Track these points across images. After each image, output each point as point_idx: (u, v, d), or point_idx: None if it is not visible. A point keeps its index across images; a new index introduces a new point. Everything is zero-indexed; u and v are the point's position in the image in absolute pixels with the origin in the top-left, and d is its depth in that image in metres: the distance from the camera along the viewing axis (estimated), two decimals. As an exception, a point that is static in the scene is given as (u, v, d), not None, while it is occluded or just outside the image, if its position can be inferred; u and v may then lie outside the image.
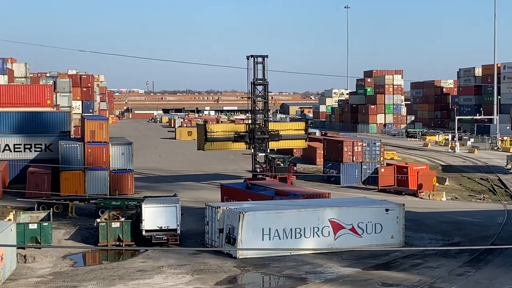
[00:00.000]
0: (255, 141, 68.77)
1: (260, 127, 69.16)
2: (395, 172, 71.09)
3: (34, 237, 40.92)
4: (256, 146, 68.97)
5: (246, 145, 69.53)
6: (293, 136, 71.67)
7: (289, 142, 72.34)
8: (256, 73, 67.83)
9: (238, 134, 69.13)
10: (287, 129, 72.18)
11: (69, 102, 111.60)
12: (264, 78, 68.31)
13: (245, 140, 69.04)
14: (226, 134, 68.97)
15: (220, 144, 68.94)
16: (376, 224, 41.44)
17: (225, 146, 69.63)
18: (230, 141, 69.07)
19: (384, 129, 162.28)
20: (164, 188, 66.75)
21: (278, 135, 70.21)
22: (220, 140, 68.64)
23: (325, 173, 77.08)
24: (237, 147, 70.08)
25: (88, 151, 61.65)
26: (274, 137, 69.94)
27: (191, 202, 54.72)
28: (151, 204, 42.71)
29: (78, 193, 59.38)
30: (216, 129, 69.71)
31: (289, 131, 71.55)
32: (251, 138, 68.90)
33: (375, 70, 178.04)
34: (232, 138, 68.97)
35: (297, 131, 72.16)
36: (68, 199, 54.70)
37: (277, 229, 39.08)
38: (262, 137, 68.96)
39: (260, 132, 69.00)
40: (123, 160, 62.86)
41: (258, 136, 68.82)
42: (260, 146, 69.09)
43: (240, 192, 51.89)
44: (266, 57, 67.77)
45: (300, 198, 47.00)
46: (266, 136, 69.09)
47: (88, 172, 61.20)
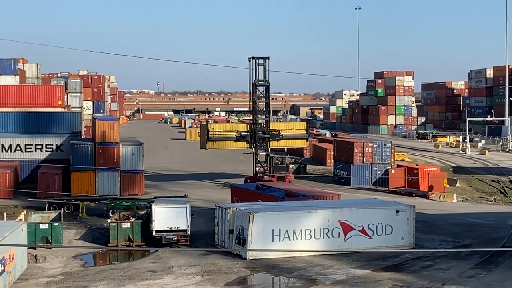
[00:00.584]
0: (256, 141, 70.29)
1: (261, 127, 70.66)
2: (406, 174, 70.92)
3: (45, 237, 41.06)
4: (257, 145, 70.46)
5: (248, 145, 71.02)
6: (294, 136, 73.22)
7: (290, 141, 74.02)
8: (257, 75, 69.33)
9: (239, 133, 70.76)
10: (288, 129, 73.71)
11: (80, 103, 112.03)
12: (265, 79, 69.74)
13: (246, 139, 70.64)
14: (227, 134, 70.82)
15: (221, 143, 70.63)
16: (387, 226, 41.34)
17: (226, 145, 71.23)
18: (232, 141, 70.69)
19: (395, 130, 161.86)
20: (174, 188, 66.88)
21: (279, 135, 71.62)
22: (221, 139, 70.35)
23: (335, 174, 77.04)
24: (238, 146, 71.70)
25: (99, 151, 61.82)
26: (275, 136, 71.39)
27: (201, 202, 54.77)
28: (161, 205, 42.78)
29: (88, 194, 59.57)
30: (218, 128, 71.58)
31: (290, 131, 73.05)
32: (252, 138, 70.42)
33: (385, 71, 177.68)
34: (233, 137, 70.64)
35: (298, 131, 73.65)
36: (78, 199, 54.89)
37: (287, 230, 39.05)
38: (263, 137, 70.49)
39: (261, 132, 70.52)
40: (134, 160, 63.01)
41: (259, 136, 70.33)
42: (261, 145, 70.59)
43: (250, 193, 51.90)
44: (267, 59, 69.33)
45: (310, 199, 46.96)
46: (267, 135, 70.56)
47: (99, 172, 61.35)
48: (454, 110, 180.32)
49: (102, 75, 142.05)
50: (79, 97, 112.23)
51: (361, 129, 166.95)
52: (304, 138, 74.19)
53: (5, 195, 58.44)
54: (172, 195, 55.93)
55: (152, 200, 48.26)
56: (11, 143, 65.85)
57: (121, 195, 59.98)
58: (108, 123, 63.48)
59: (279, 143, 72.89)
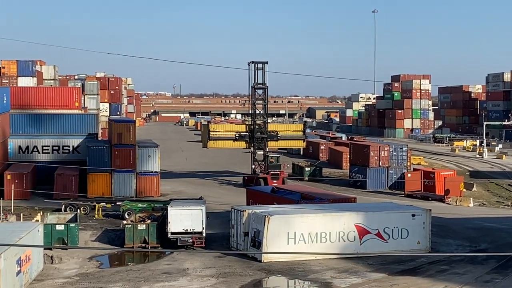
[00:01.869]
0: (254, 141, 74.53)
1: (259, 127, 74.77)
2: (422, 177, 70.66)
3: (61, 238, 41.26)
4: (255, 145, 74.50)
5: (246, 144, 75.36)
6: (291, 136, 77.25)
7: (287, 142, 78.43)
8: (256, 78, 73.67)
9: (239, 134, 75.20)
10: (286, 130, 77.85)
11: (97, 105, 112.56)
12: (263, 82, 74.14)
13: (245, 139, 75.05)
14: (228, 134, 75.44)
15: (222, 143, 75.34)
16: (402, 230, 41.18)
17: (226, 145, 75.85)
18: (231, 140, 75.29)
19: (411, 134, 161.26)
20: (190, 191, 67.02)
21: (277, 136, 75.85)
22: (222, 139, 75.02)
23: (351, 178, 76.94)
24: (238, 145, 76.21)
25: (115, 153, 62.07)
26: (273, 137, 75.64)
27: (216, 205, 54.84)
28: (177, 207, 42.86)
29: (105, 195, 59.84)
30: (219, 129, 76.39)
31: (288, 132, 77.20)
32: (251, 138, 74.68)
33: (402, 75, 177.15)
34: (233, 137, 75.21)
35: (295, 132, 77.53)
36: (95, 201, 55.12)
37: (302, 233, 39.00)
38: (261, 137, 74.57)
39: (260, 132, 74.70)
40: (150, 162, 63.21)
41: (258, 136, 74.47)
42: (259, 145, 74.53)
43: (266, 196, 51.89)
44: (266, 63, 73.62)
45: (326, 203, 46.89)
46: (264, 136, 74.67)
47: (115, 174, 61.60)
48: (471, 114, 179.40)
49: (119, 77, 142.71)
50: (96, 99, 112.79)
51: (378, 133, 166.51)
52: (301, 139, 77.84)
53: (22, 196, 58.83)
54: (188, 197, 56.03)
55: (168, 202, 48.37)
56: (28, 144, 66.29)
57: (137, 197, 60.18)
58: (125, 125, 63.73)
59: (277, 143, 77.29)
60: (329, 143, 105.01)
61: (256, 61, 73.33)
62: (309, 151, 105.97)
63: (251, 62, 73.35)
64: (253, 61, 73.41)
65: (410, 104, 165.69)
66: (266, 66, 73.58)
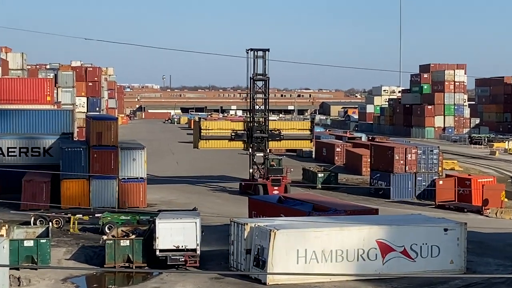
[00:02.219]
0: (253, 141, 74.80)
1: (259, 125, 75.07)
2: (456, 185, 70.55)
3: (30, 256, 41.28)
4: (254, 145, 74.82)
5: (244, 145, 75.78)
6: (297, 136, 77.43)
7: (292, 142, 78.58)
8: (256, 68, 74.03)
9: (235, 132, 75.45)
10: (290, 128, 77.82)
11: (72, 99, 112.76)
12: (264, 73, 74.39)
13: (242, 139, 75.31)
14: (222, 133, 75.55)
15: (215, 143, 75.60)
16: (433, 247, 41.16)
17: (221, 145, 76.13)
18: (227, 140, 75.57)
19: (443, 133, 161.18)
20: (182, 201, 67.03)
21: (279, 135, 76.08)
22: (215, 138, 75.18)
23: (372, 185, 76.86)
24: (234, 146, 76.58)
25: (94, 156, 62.13)
26: (275, 136, 75.88)
27: (213, 217, 54.84)
28: (167, 219, 42.86)
29: (81, 205, 59.78)
30: (212, 126, 76.14)
31: (293, 131, 77.21)
32: (249, 137, 74.93)
33: (432, 64, 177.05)
34: (228, 136, 75.42)
35: (301, 131, 77.70)
36: (69, 212, 55.13)
37: (314, 251, 38.99)
38: (261, 136, 74.89)
39: (259, 131, 75.03)
40: (135, 167, 63.24)
41: (257, 135, 74.78)
42: (259, 146, 74.92)
43: (271, 207, 51.89)
44: (267, 51, 73.77)
45: (342, 215, 46.88)
46: (265, 135, 75.06)
47: (94, 181, 61.66)
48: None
49: (98, 67, 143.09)
50: (71, 92, 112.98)
51: (403, 132, 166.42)
52: (308, 138, 77.83)
53: (-16, 206, 58.82)
54: (179, 208, 56.02)
55: (156, 213, 48.36)
56: (-9, 146, 66.33)
57: (119, 208, 60.22)
58: (105, 123, 63.79)
59: (280, 143, 77.44)
60: (346, 145, 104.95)
61: (256, 48, 73.73)
62: (323, 154, 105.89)
63: (250, 50, 73.78)
64: (252, 48, 73.77)
65: (442, 98, 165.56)
66: (267, 54, 73.87)
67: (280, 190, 71.78)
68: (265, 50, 73.82)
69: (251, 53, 73.52)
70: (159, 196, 69.62)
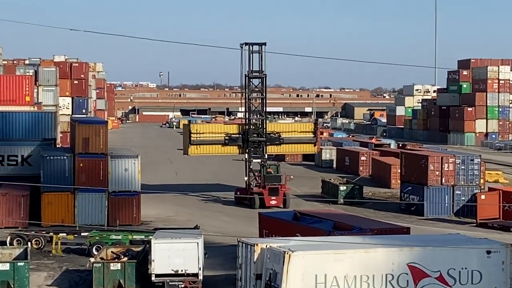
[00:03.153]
0: (249, 145, 77.21)
1: (256, 128, 77.64)
2: (501, 200, 70.33)
3: (5, 281, 41.24)
4: (250, 150, 77.30)
5: (239, 150, 78.53)
6: (299, 139, 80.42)
7: (293, 146, 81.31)
8: (251, 64, 76.70)
9: (229, 136, 78.08)
10: (291, 131, 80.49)
11: (55, 99, 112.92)
12: (261, 70, 77.00)
13: (237, 143, 78.04)
14: (215, 137, 78.24)
15: (207, 148, 78.45)
16: (474, 272, 40.97)
17: (213, 150, 79.04)
18: (220, 145, 78.23)
19: (486, 140, 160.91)
20: (182, 217, 67.04)
21: (279, 138, 78.81)
22: (207, 143, 77.98)
23: (402, 200, 76.72)
24: (228, 151, 79.49)
25: (80, 165, 62.21)
26: (274, 140, 78.57)
27: (217, 236, 54.82)
28: (164, 239, 42.83)
29: (65, 223, 59.85)
30: (203, 130, 79.04)
31: (294, 134, 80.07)
32: (244, 141, 77.49)
33: (473, 59, 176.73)
34: (222, 141, 77.98)
35: (303, 134, 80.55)
36: (52, 231, 55.13)
37: (335, 276, 38.85)
38: (258, 140, 77.49)
39: (256, 134, 77.59)
40: (127, 178, 63.26)
41: (253, 139, 77.38)
42: (255, 151, 77.49)
43: (285, 225, 51.78)
44: (264, 45, 76.19)
45: (368, 234, 46.74)
46: (262, 139, 77.59)
47: (80, 194, 61.74)
48: None
49: (85, 62, 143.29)
50: (54, 92, 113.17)
51: (439, 138, 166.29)
52: (311, 142, 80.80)
53: (-48, 223, 59.04)
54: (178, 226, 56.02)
55: (152, 232, 48.36)
56: (-39, 154, 66.42)
57: (109, 225, 60.26)
58: (93, 127, 63.88)
59: (279, 148, 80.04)
60: (372, 153, 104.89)
61: (251, 43, 76.12)
62: (345, 164, 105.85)
63: (244, 44, 76.14)
64: (247, 42, 76.01)
65: (484, 99, 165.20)
66: (264, 48, 75.99)
67: (278, 200, 73.99)
68: (261, 44, 76.02)
69: (246, 47, 76.00)
70: (155, 212, 69.66)
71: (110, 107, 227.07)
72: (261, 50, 76.06)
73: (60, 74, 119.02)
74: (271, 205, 73.58)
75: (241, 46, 76.07)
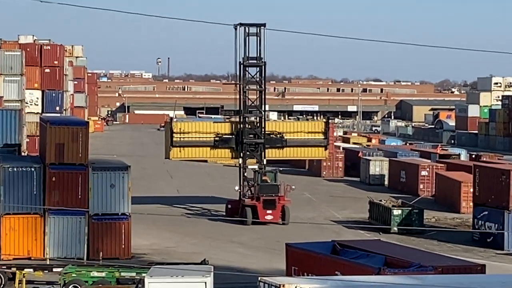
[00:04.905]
0: (244, 148, 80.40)
1: (253, 127, 79.67)
2: None
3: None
4: (245, 154, 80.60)
5: (232, 153, 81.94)
6: (306, 142, 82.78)
7: (299, 150, 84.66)
8: (248, 50, 79.45)
9: (220, 137, 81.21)
10: (297, 131, 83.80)
11: (20, 93, 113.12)
12: (259, 56, 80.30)
13: (230, 145, 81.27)
14: (202, 137, 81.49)
15: (192, 151, 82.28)
16: None
17: (200, 154, 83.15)
18: (208, 147, 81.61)
19: None
20: (184, 248, 67.11)
21: (281, 140, 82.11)
22: (193, 145, 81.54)
23: (476, 229, 76.52)
24: (218, 155, 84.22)
25: (52, 180, 62.28)
26: (275, 142, 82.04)
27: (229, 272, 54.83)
28: (161, 278, 42.86)
29: (32, 255, 60.00)
30: (188, 129, 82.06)
31: (300, 135, 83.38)
32: (238, 143, 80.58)
33: None
34: (210, 142, 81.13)
35: (312, 135, 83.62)
36: (14, 265, 55.28)
37: (387, 329, 38.93)
38: (255, 142, 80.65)
39: (253, 135, 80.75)
40: (113, 197, 63.33)
41: (249, 141, 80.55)
42: (252, 155, 79.36)
43: (322, 259, 51.76)
44: (263, 27, 79.42)
45: (431, 273, 46.69)
46: (260, 140, 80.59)
47: (52, 217, 61.85)
48: None
49: (59, 45, 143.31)
50: (19, 83, 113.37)
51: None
52: (321, 145, 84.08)
53: None
54: (179, 260, 56.12)
55: (146, 268, 48.41)
56: None
57: (89, 259, 60.39)
58: (69, 130, 63.96)
59: (282, 152, 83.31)
60: (436, 166, 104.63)
61: (247, 23, 78.84)
62: (401, 180, 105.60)
63: (239, 25, 79.26)
64: (241, 23, 78.58)
65: None
66: (263, 31, 78.69)
67: (275, 214, 76.83)
68: (259, 25, 78.70)
69: (241, 29, 79.06)
70: (149, 241, 69.79)
71: (92, 103, 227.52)
72: (259, 33, 78.61)
73: (27, 60, 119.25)
74: (266, 221, 76.46)
75: (235, 28, 78.58)
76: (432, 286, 41.57)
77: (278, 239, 69.32)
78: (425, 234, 78.17)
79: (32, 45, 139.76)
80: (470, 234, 77.11)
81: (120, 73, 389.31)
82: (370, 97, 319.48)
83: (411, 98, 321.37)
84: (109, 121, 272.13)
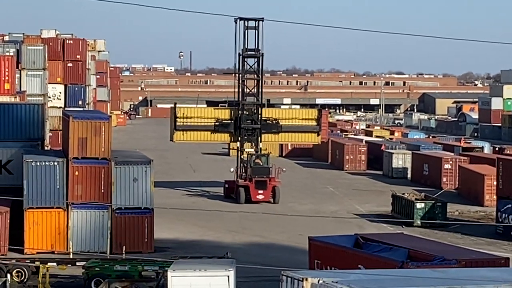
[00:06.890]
0: (242, 132, 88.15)
1: (250, 113, 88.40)
2: None
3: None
4: (243, 138, 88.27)
5: (231, 137, 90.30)
6: (300, 128, 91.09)
7: (293, 135, 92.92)
8: (246, 42, 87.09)
9: (219, 122, 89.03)
10: (291, 117, 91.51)
11: (43, 88, 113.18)
12: (256, 48, 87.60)
13: (229, 130, 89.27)
14: (203, 122, 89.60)
15: (194, 135, 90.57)
16: None
17: (201, 137, 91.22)
18: (209, 131, 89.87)
19: None
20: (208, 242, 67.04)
21: (276, 125, 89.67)
22: (194, 129, 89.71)
23: (500, 222, 76.31)
24: (218, 139, 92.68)
25: (75, 174, 62.39)
26: (271, 127, 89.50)
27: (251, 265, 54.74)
28: (184, 272, 42.87)
29: (55, 249, 60.11)
30: (191, 114, 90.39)
31: (294, 121, 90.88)
32: (237, 128, 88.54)
33: None
34: (211, 126, 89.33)
35: (305, 121, 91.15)
36: (38, 259, 55.36)
37: (411, 323, 38.78)
38: (252, 127, 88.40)
39: (250, 120, 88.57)
40: (136, 191, 63.40)
41: (247, 126, 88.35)
42: (249, 139, 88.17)
43: (345, 253, 51.65)
44: (261, 21, 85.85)
45: (454, 267, 46.53)
46: (257, 126, 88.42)
47: (75, 211, 61.99)
48: None
49: (82, 39, 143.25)
50: (41, 78, 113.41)
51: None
52: (314, 131, 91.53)
53: None
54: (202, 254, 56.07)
55: (169, 261, 48.38)
56: None
57: (112, 253, 60.52)
58: (92, 124, 63.98)
59: (277, 136, 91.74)
60: (460, 159, 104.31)
61: (247, 18, 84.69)
62: (424, 173, 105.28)
63: (239, 19, 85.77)
64: (241, 17, 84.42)
65: None
66: (262, 24, 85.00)
67: (266, 194, 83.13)
68: (258, 19, 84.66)
69: (240, 23, 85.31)
70: (173, 235, 69.77)
71: (115, 97, 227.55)
72: (258, 26, 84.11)
73: (49, 54, 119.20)
74: (257, 200, 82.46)
75: (235, 21, 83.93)
76: (456, 279, 41.41)
77: (301, 233, 69.25)
78: (448, 227, 77.99)
79: (55, 40, 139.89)
80: (494, 227, 76.91)
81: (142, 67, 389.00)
82: (393, 90, 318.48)
83: (434, 91, 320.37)
84: (131, 115, 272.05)
